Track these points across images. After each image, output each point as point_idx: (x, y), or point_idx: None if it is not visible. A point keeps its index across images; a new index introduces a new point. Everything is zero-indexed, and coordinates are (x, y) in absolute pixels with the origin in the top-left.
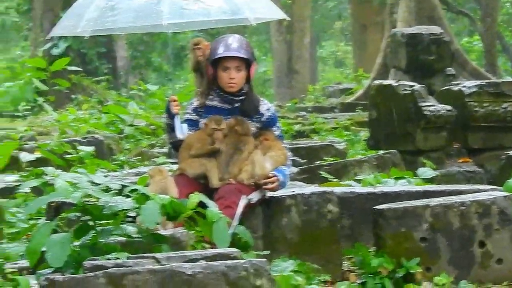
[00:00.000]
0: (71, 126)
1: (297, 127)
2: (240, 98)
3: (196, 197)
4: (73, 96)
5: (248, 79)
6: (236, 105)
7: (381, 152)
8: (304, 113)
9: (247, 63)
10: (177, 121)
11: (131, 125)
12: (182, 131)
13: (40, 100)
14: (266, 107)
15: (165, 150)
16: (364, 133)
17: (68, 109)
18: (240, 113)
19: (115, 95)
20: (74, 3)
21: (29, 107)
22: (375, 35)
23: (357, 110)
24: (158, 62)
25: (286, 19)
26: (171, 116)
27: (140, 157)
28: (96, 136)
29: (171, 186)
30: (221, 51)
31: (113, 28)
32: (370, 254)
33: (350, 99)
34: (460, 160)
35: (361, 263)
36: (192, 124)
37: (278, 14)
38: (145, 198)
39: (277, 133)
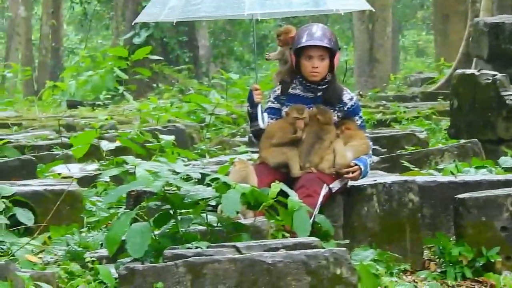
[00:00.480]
0: (152, 115)
1: (378, 116)
2: (323, 87)
3: (277, 186)
4: (154, 85)
5: (331, 68)
6: (319, 94)
7: (462, 141)
8: (385, 102)
9: (330, 52)
10: (259, 110)
11: (212, 114)
12: (264, 120)
13: (121, 89)
14: (349, 96)
15: (246, 139)
16: (445, 122)
17: (149, 98)
18: (322, 102)
19: (197, 84)
20: None
21: (110, 96)
22: (457, 25)
23: (438, 99)
24: (239, 51)
25: (370, 9)
26: (253, 105)
27: (221, 146)
28: (177, 125)
29: (251, 175)
30: (304, 40)
31: (194, 16)
32: (451, 243)
33: (431, 88)
34: None
35: (442, 252)
36: (274, 112)
37: (362, 4)
38: (226, 187)
39: (359, 122)
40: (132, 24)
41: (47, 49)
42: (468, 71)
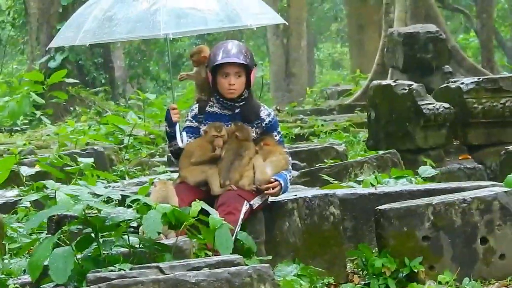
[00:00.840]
0: (70, 139)
1: (296, 131)
2: (240, 104)
3: (198, 205)
4: (71, 108)
5: (248, 85)
6: (236, 111)
7: (380, 152)
8: (302, 116)
9: (246, 68)
10: (177, 129)
11: (130, 135)
12: (183, 139)
13: (38, 113)
14: (266, 112)
15: (165, 159)
16: (364, 134)
17: (66, 122)
18: (240, 119)
19: (114, 105)
20: (73, 15)
21: (27, 121)
22: (372, 35)
23: (355, 112)
24: (155, 71)
25: (284, 23)
26: (171, 124)
27: (140, 167)
28: (95, 147)
29: (172, 195)
30: (220, 58)
31: (110, 38)
32: (373, 255)
33: (348, 100)
34: (460, 157)
35: (365, 264)
36: (193, 131)
37: (275, 19)
38: (146, 208)
39: (277, 138)
40: (47, 48)
41: None
42: (384, 82)
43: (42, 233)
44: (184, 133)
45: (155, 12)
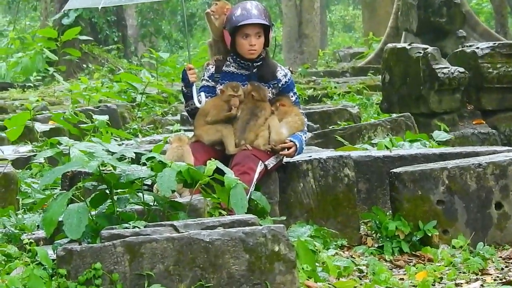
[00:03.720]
0: (83, 96)
1: (309, 92)
2: (257, 64)
3: (213, 164)
4: (84, 66)
5: (265, 45)
6: (253, 71)
7: (394, 115)
8: (315, 78)
9: (265, 28)
10: (194, 89)
11: (143, 93)
12: (201, 99)
13: (51, 70)
14: (283, 72)
15: (178, 117)
16: (377, 97)
17: (79, 79)
18: (257, 78)
19: (126, 63)
20: None
21: (40, 78)
22: None
23: (368, 74)
24: (167, 30)
25: None
26: (188, 84)
27: (153, 125)
28: (108, 104)
29: (187, 154)
30: (241, 19)
31: (133, 1)
32: (387, 218)
33: (361, 63)
34: (474, 122)
35: (378, 227)
36: (209, 90)
37: None
38: (161, 165)
39: (293, 98)
40: (63, 10)
41: None
42: (399, 45)
43: (56, 189)
44: (202, 93)
45: None
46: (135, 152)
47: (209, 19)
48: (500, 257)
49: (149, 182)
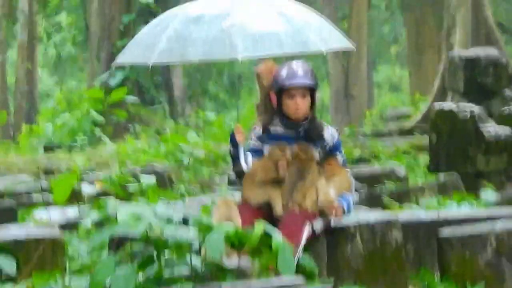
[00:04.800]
0: (130, 157)
1: (356, 153)
2: (304, 124)
3: (261, 226)
4: (131, 126)
5: (311, 105)
6: (300, 131)
7: (441, 175)
8: (362, 138)
9: (311, 89)
10: (241, 150)
11: (190, 155)
12: (246, 160)
13: (98, 131)
14: (330, 133)
15: (225, 179)
16: (424, 157)
17: (126, 140)
18: (304, 139)
19: (173, 124)
20: (139, 33)
21: (86, 139)
22: (431, 58)
23: (415, 134)
24: (214, 91)
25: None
26: (235, 145)
27: (200, 187)
28: (155, 166)
29: (235, 215)
30: (287, 80)
31: (185, 59)
32: (435, 280)
33: (408, 123)
34: None
35: None
36: (256, 151)
37: (346, 43)
38: (209, 228)
39: (341, 159)
40: (113, 65)
41: (22, 93)
42: (446, 105)
43: (103, 252)
44: (249, 155)
45: (231, 35)
46: (183, 214)
47: (258, 79)
48: None
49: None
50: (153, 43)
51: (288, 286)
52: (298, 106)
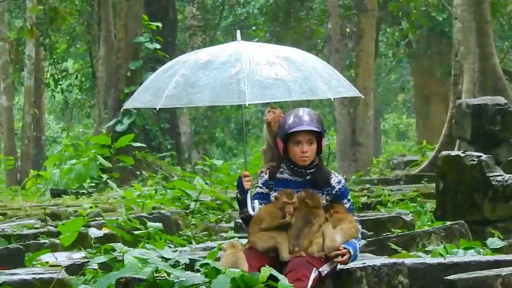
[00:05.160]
0: (137, 202)
1: (363, 200)
2: (311, 170)
3: (267, 271)
4: (137, 173)
5: (318, 151)
6: (307, 177)
7: (448, 223)
8: (369, 185)
9: (317, 135)
10: (248, 196)
11: (197, 200)
12: (253, 206)
13: (105, 177)
14: (337, 179)
15: (231, 224)
16: (431, 205)
17: (133, 185)
18: (310, 185)
19: (180, 170)
20: (149, 79)
21: (93, 184)
22: (438, 107)
23: (422, 182)
24: (221, 137)
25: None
26: (242, 191)
27: (206, 232)
28: (162, 211)
29: (242, 260)
30: (293, 125)
31: (191, 104)
32: None
33: (415, 171)
34: None
35: None
36: (263, 197)
37: (353, 91)
38: (215, 272)
39: (347, 205)
40: (122, 109)
41: (29, 138)
42: (453, 153)
43: None
44: (256, 201)
45: (239, 82)
46: (189, 259)
47: (267, 126)
48: None
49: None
50: (161, 88)
51: None
52: (304, 152)
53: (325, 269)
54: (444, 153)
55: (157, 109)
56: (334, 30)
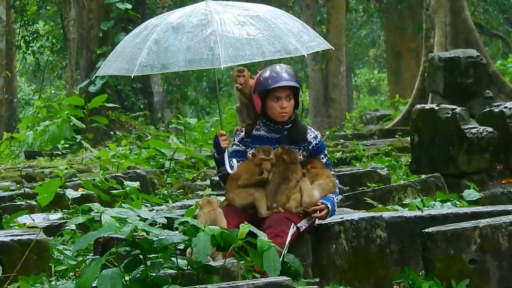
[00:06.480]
0: (112, 162)
1: (338, 155)
2: (288, 126)
3: (246, 227)
4: (111, 133)
5: (295, 107)
6: (284, 134)
7: (424, 176)
8: (343, 140)
9: (294, 91)
10: (226, 155)
11: (172, 159)
12: (231, 164)
13: (79, 137)
14: (313, 135)
15: (207, 182)
16: (406, 158)
17: (107, 146)
18: (287, 141)
19: (154, 130)
20: (120, 44)
21: (68, 146)
22: (410, 61)
23: (396, 136)
24: (193, 96)
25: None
26: (219, 150)
27: (182, 191)
28: (137, 171)
29: (220, 217)
30: (272, 82)
31: (167, 70)
32: (420, 278)
33: (388, 125)
34: (503, 181)
35: (411, 287)
36: (240, 155)
37: (324, 45)
38: (195, 230)
39: (324, 160)
40: (93, 76)
41: (1, 101)
42: (428, 106)
43: (88, 255)
44: (234, 159)
45: (213, 45)
46: (166, 217)
47: (239, 90)
48: None
49: (181, 246)
50: (134, 55)
51: (273, 285)
52: (283, 108)
53: (303, 224)
54: (418, 106)
55: (132, 77)
56: None
